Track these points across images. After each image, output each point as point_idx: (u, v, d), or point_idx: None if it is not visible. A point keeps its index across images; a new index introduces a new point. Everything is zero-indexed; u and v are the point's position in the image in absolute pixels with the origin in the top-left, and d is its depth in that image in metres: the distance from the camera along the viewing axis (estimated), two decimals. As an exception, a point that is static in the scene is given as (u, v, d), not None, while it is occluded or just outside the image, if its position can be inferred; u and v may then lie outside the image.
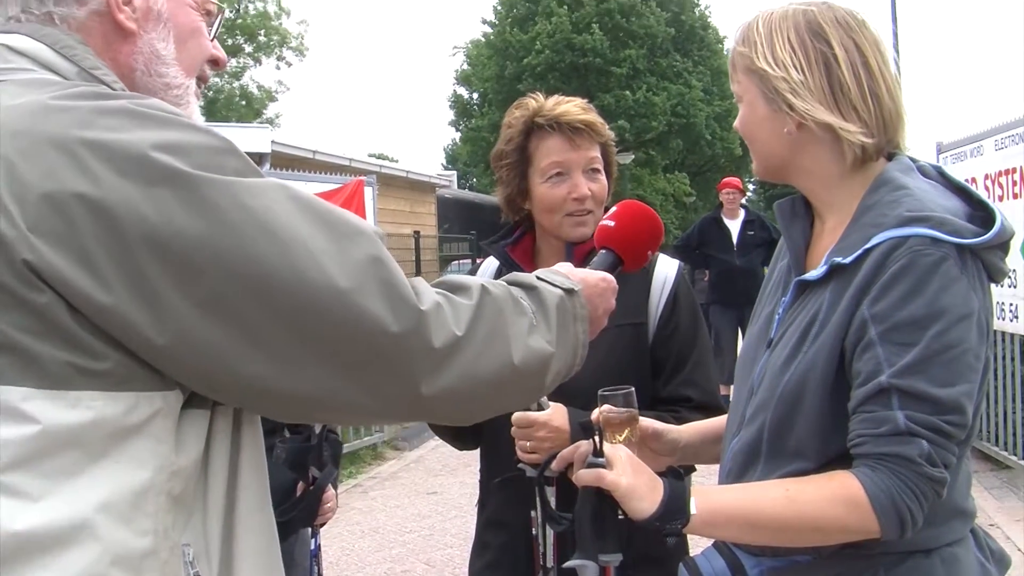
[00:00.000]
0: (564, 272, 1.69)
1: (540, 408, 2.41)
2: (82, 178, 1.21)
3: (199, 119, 1.56)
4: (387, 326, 1.31)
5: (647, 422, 2.11)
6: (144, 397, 1.27)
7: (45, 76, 1.37)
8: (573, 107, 2.60)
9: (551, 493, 2.43)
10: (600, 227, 2.04)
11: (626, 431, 1.98)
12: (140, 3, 1.50)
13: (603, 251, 2.00)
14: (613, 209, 2.07)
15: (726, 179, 12.23)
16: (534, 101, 2.62)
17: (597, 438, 1.73)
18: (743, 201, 11.86)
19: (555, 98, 2.64)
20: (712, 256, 11.28)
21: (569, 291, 1.62)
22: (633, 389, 2.03)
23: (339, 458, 3.48)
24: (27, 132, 1.23)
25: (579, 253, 2.57)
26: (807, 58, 1.81)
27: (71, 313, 1.22)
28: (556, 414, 2.41)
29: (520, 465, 2.47)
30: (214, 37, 1.67)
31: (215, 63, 1.66)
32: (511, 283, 1.56)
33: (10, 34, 1.41)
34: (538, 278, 1.61)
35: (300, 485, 3.09)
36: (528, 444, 2.43)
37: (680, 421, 2.32)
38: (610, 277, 1.81)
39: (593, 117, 2.60)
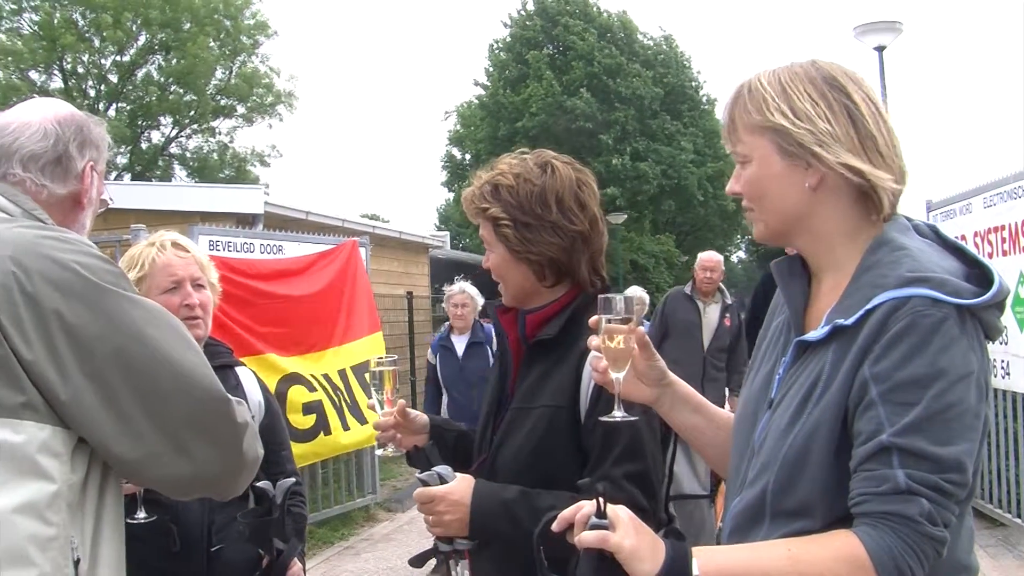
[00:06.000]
0: None
1: (443, 481, 2.39)
2: (24, 275, 1.85)
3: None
4: (227, 403, 2.05)
5: (642, 331, 2.07)
6: (58, 430, 1.87)
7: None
8: (474, 181, 2.62)
9: (465, 567, 2.45)
10: None
11: (621, 336, 2.00)
12: (94, 194, 2.29)
13: None
14: None
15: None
16: None
17: (600, 500, 1.71)
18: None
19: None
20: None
21: None
22: (631, 295, 2.02)
23: (303, 532, 3.46)
24: None
25: (530, 322, 2.57)
26: (831, 109, 1.81)
27: (21, 364, 1.83)
28: (458, 487, 2.38)
29: (434, 539, 2.46)
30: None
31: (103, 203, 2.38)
32: None
33: None
34: None
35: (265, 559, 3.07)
36: (430, 519, 2.39)
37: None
38: None
39: (464, 194, 2.61)
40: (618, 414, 2.08)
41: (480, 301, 8.78)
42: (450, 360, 8.74)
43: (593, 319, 2.05)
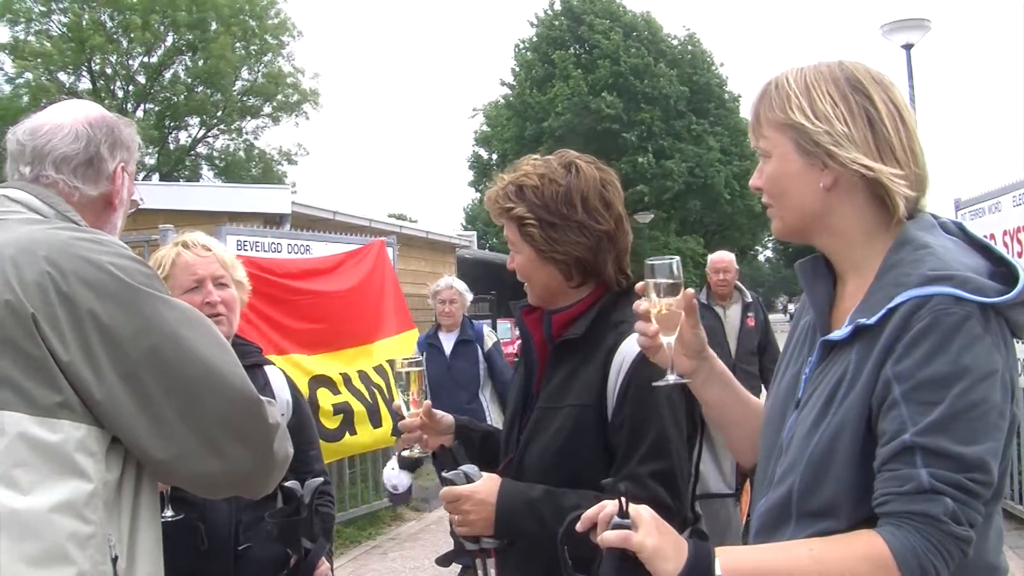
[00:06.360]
0: None
1: (469, 480, 2.40)
2: (59, 275, 1.91)
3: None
4: (258, 403, 2.11)
5: (692, 292, 2.05)
6: (93, 429, 1.92)
7: (32, 216, 2.11)
8: (498, 182, 2.62)
9: (492, 566, 2.46)
10: None
11: (666, 301, 2.01)
12: (125, 195, 2.34)
13: None
14: None
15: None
16: None
17: (623, 499, 1.72)
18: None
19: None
20: None
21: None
22: (679, 259, 2.03)
23: (331, 531, 3.47)
24: (26, 245, 1.95)
25: (556, 322, 2.56)
26: (850, 111, 1.82)
27: (58, 364, 1.88)
28: (484, 486, 2.39)
29: (461, 538, 2.47)
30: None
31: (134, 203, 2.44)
32: None
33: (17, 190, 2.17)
34: None
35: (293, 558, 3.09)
36: (456, 518, 2.40)
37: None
38: None
39: (488, 194, 2.61)
40: (671, 377, 2.07)
41: (469, 297, 8.49)
42: (437, 359, 8.25)
43: (640, 284, 2.05)
